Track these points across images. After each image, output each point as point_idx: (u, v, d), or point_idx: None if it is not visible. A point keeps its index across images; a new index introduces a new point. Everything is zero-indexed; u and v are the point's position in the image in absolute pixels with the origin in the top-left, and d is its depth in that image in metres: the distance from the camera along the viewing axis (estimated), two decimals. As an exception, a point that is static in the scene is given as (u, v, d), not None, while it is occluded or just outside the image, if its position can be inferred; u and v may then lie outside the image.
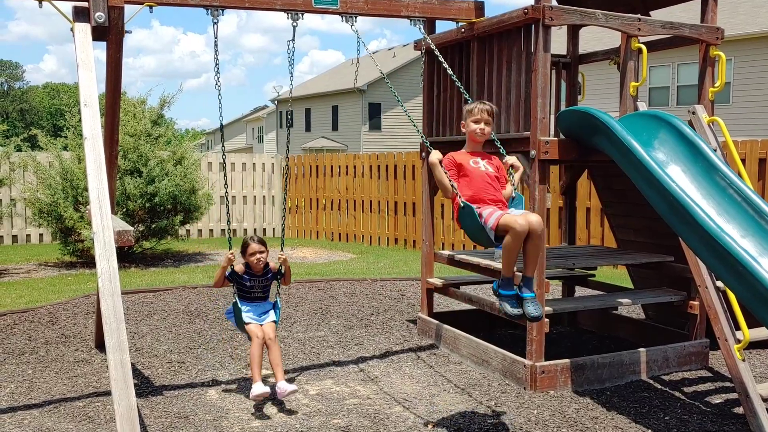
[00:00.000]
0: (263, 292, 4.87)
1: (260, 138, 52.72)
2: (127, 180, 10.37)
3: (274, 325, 4.82)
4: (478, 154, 4.03)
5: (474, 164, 3.92)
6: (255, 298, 4.84)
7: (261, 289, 4.85)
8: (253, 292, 4.83)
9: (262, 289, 4.86)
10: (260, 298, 4.86)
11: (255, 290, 4.83)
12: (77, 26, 4.23)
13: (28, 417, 4.39)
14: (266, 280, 4.87)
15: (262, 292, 4.86)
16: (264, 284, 4.86)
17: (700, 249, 3.91)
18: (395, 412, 4.48)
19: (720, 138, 5.14)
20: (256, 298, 4.85)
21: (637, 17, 5.09)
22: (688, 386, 5.08)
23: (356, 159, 14.00)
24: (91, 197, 3.68)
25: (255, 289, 4.83)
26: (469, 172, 3.87)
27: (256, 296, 4.85)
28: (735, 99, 20.43)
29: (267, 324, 4.78)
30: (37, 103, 73.90)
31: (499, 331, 6.50)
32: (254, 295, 4.84)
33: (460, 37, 5.56)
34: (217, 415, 4.43)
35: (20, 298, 7.95)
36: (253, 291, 4.83)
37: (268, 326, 4.76)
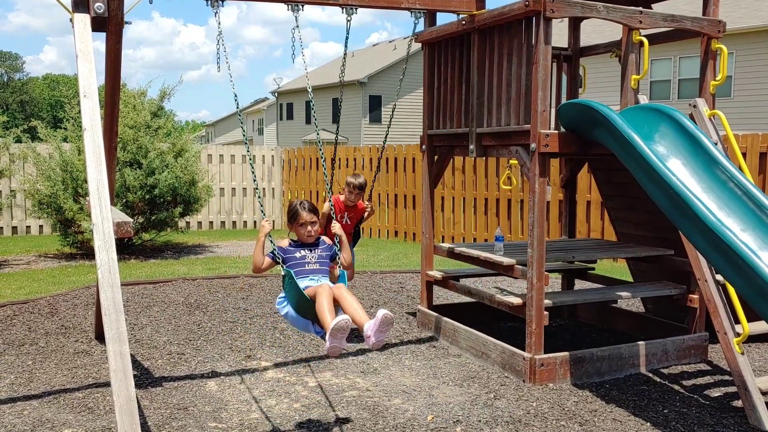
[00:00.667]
0: (320, 264, 3.95)
1: (260, 130, 52.67)
2: (126, 172, 10.37)
3: (342, 284, 3.84)
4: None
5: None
6: (311, 270, 3.88)
7: (316, 260, 3.93)
8: (308, 263, 3.90)
9: (318, 261, 3.94)
10: (318, 270, 3.91)
11: (309, 261, 3.91)
12: (77, 17, 4.21)
13: (27, 408, 4.40)
14: (322, 250, 3.99)
15: (318, 264, 3.93)
16: (319, 254, 3.96)
17: (701, 243, 3.91)
18: (394, 404, 4.49)
19: (721, 131, 5.13)
20: (312, 270, 3.89)
21: (639, 10, 5.07)
22: (687, 379, 5.09)
23: (356, 151, 13.98)
24: (91, 188, 3.68)
25: (308, 260, 3.91)
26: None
27: (312, 268, 3.90)
28: (736, 93, 20.40)
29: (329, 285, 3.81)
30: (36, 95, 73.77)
31: (499, 323, 6.50)
32: (309, 267, 3.90)
33: (460, 30, 5.54)
34: (216, 406, 4.44)
35: (20, 289, 7.96)
36: (306, 263, 3.90)
37: (333, 284, 3.81)
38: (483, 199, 11.62)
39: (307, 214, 3.96)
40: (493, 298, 5.41)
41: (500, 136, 5.28)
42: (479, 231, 11.69)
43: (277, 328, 6.31)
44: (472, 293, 5.79)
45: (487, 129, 5.36)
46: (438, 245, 6.26)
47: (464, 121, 5.65)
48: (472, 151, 5.53)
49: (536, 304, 4.90)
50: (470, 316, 6.31)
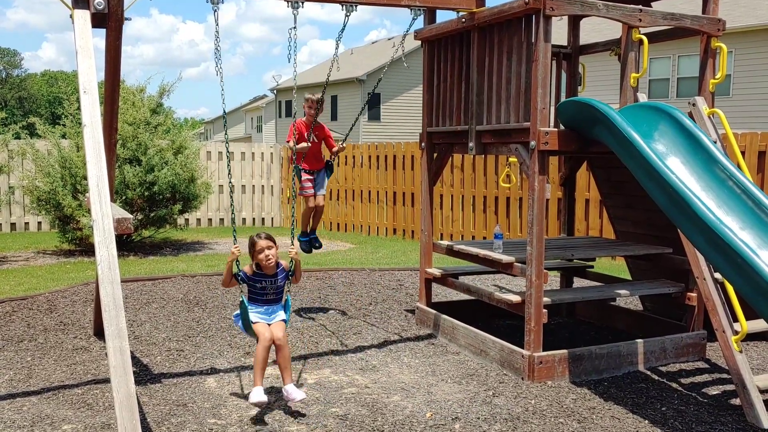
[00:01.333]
0: (276, 294, 4.47)
1: (259, 127, 52.59)
2: (126, 168, 10.37)
3: (284, 325, 4.42)
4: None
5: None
6: (268, 301, 4.45)
7: (274, 290, 4.45)
8: (266, 294, 4.43)
9: (276, 291, 4.46)
10: (273, 300, 4.47)
11: (268, 292, 4.43)
12: (77, 13, 4.21)
13: (26, 404, 4.40)
14: (280, 281, 4.47)
15: (275, 294, 4.46)
16: (277, 285, 4.46)
17: (699, 241, 3.91)
18: (393, 401, 4.50)
19: (720, 130, 5.14)
20: (269, 300, 4.45)
21: (639, 8, 5.07)
22: (686, 377, 5.10)
23: (355, 149, 13.98)
24: (91, 185, 3.68)
25: (268, 291, 4.43)
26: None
27: (269, 299, 4.45)
28: (735, 91, 20.41)
29: (275, 324, 4.39)
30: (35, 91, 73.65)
31: (497, 321, 6.51)
32: (267, 298, 4.44)
33: (460, 27, 5.54)
34: (215, 402, 4.44)
35: (19, 285, 7.96)
36: (266, 293, 4.43)
37: (276, 326, 4.37)
38: (482, 197, 11.63)
39: (264, 242, 4.38)
40: (492, 296, 5.42)
41: (500, 134, 5.28)
42: (478, 229, 11.70)
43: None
44: (471, 291, 5.80)
45: (487, 126, 5.37)
46: (437, 243, 6.27)
47: (464, 118, 5.65)
48: (472, 149, 5.53)
49: (535, 301, 4.90)
50: (469, 313, 6.32)
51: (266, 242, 4.37)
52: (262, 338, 4.27)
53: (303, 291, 7.74)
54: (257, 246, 4.36)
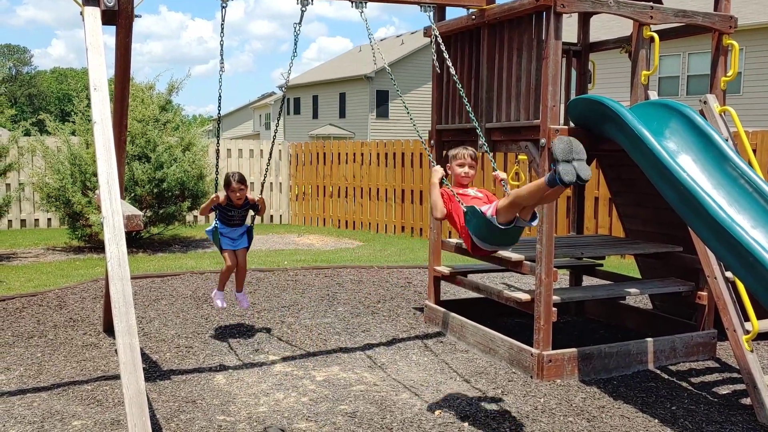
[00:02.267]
0: (241, 219, 5.71)
1: (267, 125, 52.68)
2: (135, 165, 10.39)
3: (245, 251, 5.82)
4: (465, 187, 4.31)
5: (463, 191, 4.20)
6: (233, 224, 5.67)
7: (239, 217, 5.67)
8: (233, 219, 5.64)
9: (240, 217, 5.69)
10: (238, 224, 5.70)
11: (234, 218, 5.65)
12: (87, 10, 4.21)
13: (37, 399, 4.42)
14: (245, 210, 5.67)
15: (240, 219, 5.70)
16: (242, 213, 5.68)
17: (711, 239, 3.89)
18: (402, 399, 4.50)
19: (731, 128, 5.11)
20: (235, 224, 5.68)
21: (650, 5, 5.05)
22: (695, 376, 5.08)
23: (363, 146, 13.97)
24: (101, 182, 3.69)
25: (234, 217, 5.64)
26: (461, 195, 4.10)
27: (235, 223, 5.67)
28: (745, 89, 20.29)
29: (240, 250, 5.75)
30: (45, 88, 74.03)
31: (506, 319, 6.50)
32: (233, 222, 5.66)
33: (470, 24, 5.52)
34: (224, 399, 4.45)
35: (29, 282, 7.99)
36: (233, 219, 5.64)
37: (240, 253, 5.76)
38: (490, 195, 11.58)
39: (236, 184, 5.49)
40: (501, 294, 5.40)
41: (509, 131, 5.27)
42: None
43: (284, 323, 6.33)
44: (479, 289, 5.79)
45: (497, 124, 5.35)
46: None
47: (474, 115, 5.62)
48: (482, 146, 5.51)
49: (544, 300, 4.89)
50: (477, 311, 6.31)
51: (238, 185, 5.51)
52: (228, 263, 5.68)
53: (311, 288, 7.75)
54: (231, 186, 5.50)
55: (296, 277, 8.27)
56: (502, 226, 3.73)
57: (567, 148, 3.37)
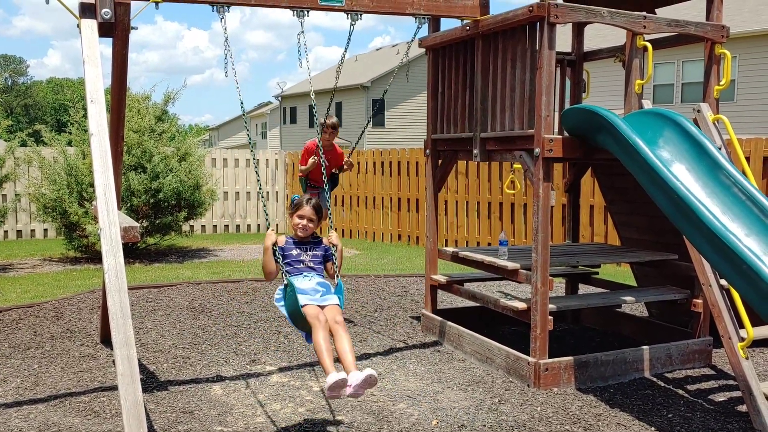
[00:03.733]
0: (314, 263, 4.06)
1: (264, 134, 52.68)
2: (131, 176, 10.40)
3: (339, 309, 3.92)
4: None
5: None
6: (305, 268, 4.03)
7: (311, 258, 4.05)
8: (302, 262, 4.04)
9: (312, 259, 4.06)
10: (311, 269, 4.04)
11: (304, 260, 4.05)
12: (84, 22, 4.24)
13: (33, 411, 4.41)
14: (316, 248, 4.10)
15: (312, 263, 4.05)
16: (314, 254, 4.08)
17: (705, 247, 3.91)
18: (399, 408, 4.50)
19: (725, 136, 5.14)
20: (307, 268, 4.03)
21: (643, 15, 5.09)
22: (692, 384, 5.09)
23: (360, 155, 14.01)
24: (98, 193, 3.70)
25: (303, 258, 4.05)
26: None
27: (307, 266, 4.04)
28: (739, 97, 20.39)
29: (329, 307, 3.88)
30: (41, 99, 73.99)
31: (503, 328, 6.51)
32: (303, 266, 4.03)
33: (464, 35, 5.56)
34: (221, 410, 4.45)
35: (25, 293, 7.98)
36: (302, 261, 4.03)
37: (330, 308, 3.87)
38: (486, 203, 11.64)
39: (308, 209, 4.10)
40: (497, 303, 5.42)
41: (504, 141, 5.30)
42: (483, 235, 11.70)
43: (281, 333, 6.33)
44: (476, 297, 5.80)
45: (491, 134, 5.38)
46: (442, 249, 6.28)
47: (468, 125, 5.66)
48: (476, 156, 5.55)
49: (541, 308, 4.91)
50: (474, 320, 6.32)
51: (311, 211, 4.06)
52: (316, 322, 3.72)
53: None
54: (301, 210, 4.08)
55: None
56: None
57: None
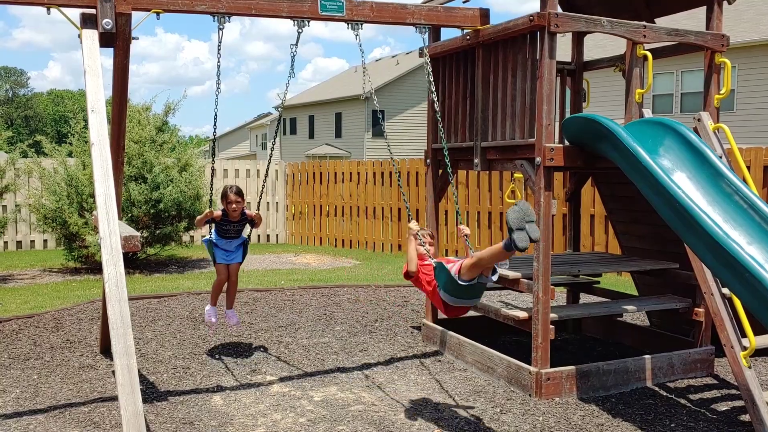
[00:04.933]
0: (237, 233, 5.74)
1: (264, 145, 52.77)
2: (131, 186, 10.40)
3: (238, 266, 5.85)
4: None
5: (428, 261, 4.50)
6: (229, 237, 5.71)
7: (235, 231, 5.72)
8: (228, 233, 5.68)
9: (236, 231, 5.72)
10: (233, 237, 5.74)
11: (230, 232, 5.69)
12: (85, 33, 4.25)
13: (33, 422, 4.39)
14: (241, 224, 5.70)
15: (235, 233, 5.73)
16: (238, 228, 5.71)
17: (706, 256, 3.90)
18: (400, 418, 4.48)
19: (725, 145, 5.14)
20: (230, 236, 5.72)
21: (643, 24, 5.10)
22: (694, 393, 5.07)
23: (360, 165, 14.02)
24: (98, 203, 3.70)
25: (230, 231, 5.68)
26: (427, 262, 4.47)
27: (230, 236, 5.71)
28: (739, 106, 20.43)
29: (233, 265, 5.79)
30: (41, 110, 74.14)
31: (504, 337, 6.49)
32: (228, 235, 5.70)
33: (465, 45, 5.57)
34: (222, 420, 4.43)
35: (25, 303, 7.96)
36: (228, 232, 5.68)
37: (233, 267, 5.80)
38: (487, 213, 11.63)
39: (233, 196, 5.57)
40: (498, 312, 5.40)
41: (505, 150, 5.30)
42: (483, 244, 11.68)
43: (281, 342, 6.31)
44: (477, 307, 5.77)
45: (492, 143, 5.38)
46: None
47: (469, 135, 5.67)
48: (477, 165, 5.55)
49: (542, 318, 4.89)
50: (475, 330, 6.30)
51: (235, 197, 5.57)
52: (220, 276, 5.76)
53: (309, 308, 7.73)
54: (228, 198, 5.57)
55: (293, 297, 8.25)
56: (465, 283, 4.08)
57: (519, 217, 3.71)
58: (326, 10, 4.89)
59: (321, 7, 4.87)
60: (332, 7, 4.90)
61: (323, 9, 4.87)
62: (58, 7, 4.32)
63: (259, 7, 4.78)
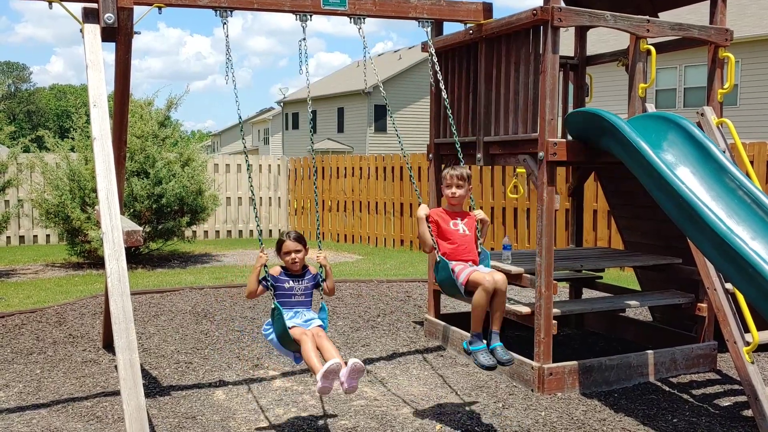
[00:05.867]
0: (305, 296, 4.20)
1: (266, 140, 52.80)
2: (134, 181, 10.40)
3: (323, 330, 4.09)
4: (458, 214, 4.36)
5: (453, 226, 4.28)
6: (296, 303, 4.15)
7: (302, 291, 4.18)
8: (294, 296, 4.16)
9: (304, 292, 4.19)
10: (302, 303, 4.18)
11: (296, 293, 4.16)
12: (87, 27, 4.24)
13: (36, 416, 4.40)
14: (307, 281, 4.21)
15: (304, 296, 4.19)
16: (305, 286, 4.20)
17: (710, 251, 3.89)
18: (402, 413, 4.48)
19: (729, 140, 5.13)
20: (298, 302, 4.16)
21: (646, 19, 5.08)
22: (697, 388, 5.07)
23: (362, 160, 14.00)
24: (101, 197, 3.70)
25: (295, 291, 4.16)
26: (449, 233, 4.23)
27: (298, 300, 4.16)
28: (742, 101, 20.38)
29: (314, 327, 4.07)
30: (43, 105, 74.18)
31: (506, 332, 6.47)
32: (295, 300, 4.16)
33: (468, 39, 5.56)
34: (224, 415, 4.43)
35: (28, 298, 7.97)
36: (293, 295, 4.15)
37: (314, 328, 4.06)
38: (489, 208, 11.62)
39: (292, 243, 4.16)
40: (500, 307, 5.39)
41: (508, 145, 5.28)
42: (486, 239, 11.66)
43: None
44: (479, 302, 5.76)
45: (495, 138, 5.37)
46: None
47: (471, 129, 5.66)
48: (480, 160, 5.53)
49: (545, 313, 4.89)
50: (478, 325, 6.29)
51: (294, 244, 4.14)
52: (304, 337, 3.92)
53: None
54: (285, 247, 4.15)
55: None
56: (467, 295, 4.09)
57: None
58: (328, 4, 4.87)
59: (323, 1, 4.85)
60: (334, 2, 4.89)
61: (325, 3, 4.86)
62: (60, 2, 4.32)
63: (261, 2, 4.77)
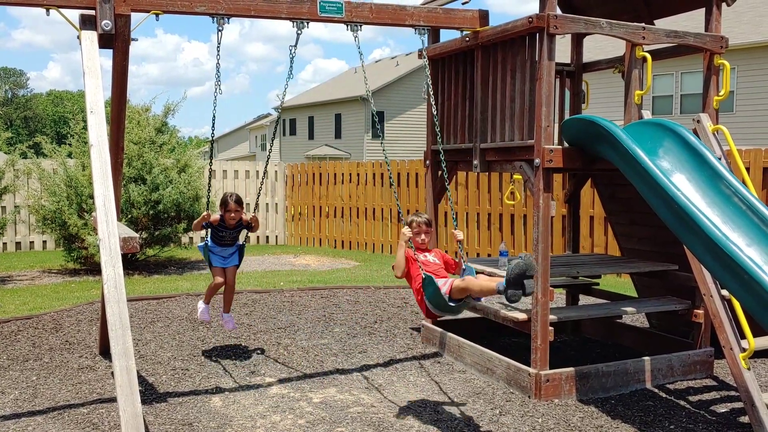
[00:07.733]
0: (233, 240, 5.69)
1: (263, 146, 52.76)
2: (131, 187, 10.40)
3: (235, 270, 5.78)
4: (425, 250, 4.70)
5: (424, 257, 4.59)
6: (224, 244, 5.66)
7: (231, 238, 5.66)
8: (224, 239, 5.62)
9: (232, 238, 5.67)
10: (229, 243, 5.68)
11: (226, 239, 5.62)
12: (84, 34, 4.25)
13: (32, 423, 4.39)
14: (237, 231, 5.65)
15: (231, 240, 5.68)
16: (235, 234, 5.66)
17: (706, 257, 3.90)
18: (399, 420, 4.48)
19: (724, 146, 5.14)
20: (226, 243, 5.66)
21: (642, 26, 5.10)
22: (693, 395, 5.07)
23: (359, 167, 14.02)
24: (97, 204, 3.70)
25: (226, 237, 5.61)
26: (423, 262, 4.49)
27: (226, 243, 5.66)
28: (738, 108, 20.43)
29: (229, 269, 5.72)
30: (40, 111, 74.14)
31: (504, 339, 6.49)
32: (224, 242, 5.64)
33: (464, 46, 5.58)
34: (221, 422, 4.43)
35: (24, 304, 7.96)
36: (224, 239, 5.62)
37: (230, 270, 5.72)
38: (486, 214, 11.63)
39: (233, 205, 5.48)
40: (498, 314, 5.40)
41: (504, 152, 5.30)
42: (483, 246, 11.69)
43: (281, 344, 6.31)
44: (476, 308, 5.77)
45: (491, 144, 5.38)
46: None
47: (468, 136, 5.67)
48: (476, 166, 5.55)
49: (541, 319, 4.89)
50: (475, 331, 6.30)
51: (235, 206, 5.49)
52: (217, 280, 5.68)
53: (308, 309, 7.73)
54: (228, 206, 5.48)
55: (292, 298, 8.25)
56: (452, 303, 4.25)
57: (520, 273, 3.81)
58: (325, 12, 4.89)
59: (320, 8, 4.87)
60: (331, 9, 4.90)
61: (322, 10, 4.88)
62: (58, 8, 4.32)
63: (258, 8, 4.78)
